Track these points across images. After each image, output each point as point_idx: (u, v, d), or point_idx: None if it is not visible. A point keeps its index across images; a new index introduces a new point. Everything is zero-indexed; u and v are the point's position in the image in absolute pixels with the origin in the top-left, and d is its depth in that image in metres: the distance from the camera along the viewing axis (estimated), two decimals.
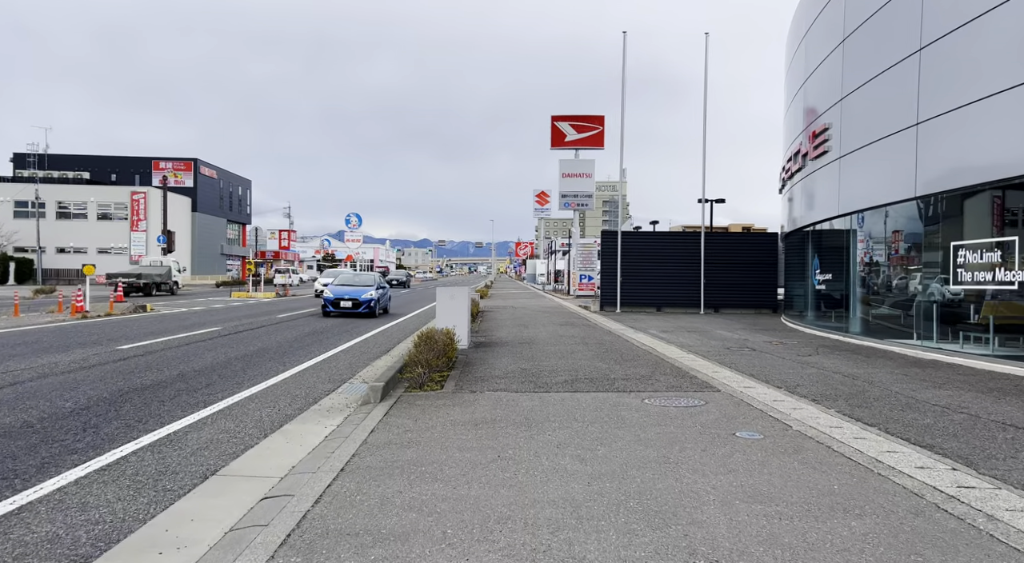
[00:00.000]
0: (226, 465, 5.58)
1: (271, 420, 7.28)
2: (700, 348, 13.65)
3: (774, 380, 9.64)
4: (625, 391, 8.67)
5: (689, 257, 26.19)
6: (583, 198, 46.71)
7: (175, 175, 65.74)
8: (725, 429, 6.56)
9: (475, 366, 10.94)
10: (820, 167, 16.33)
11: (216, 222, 72.28)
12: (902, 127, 12.17)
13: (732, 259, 26.09)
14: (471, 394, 8.48)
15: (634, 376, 9.87)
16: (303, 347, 13.82)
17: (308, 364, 11.50)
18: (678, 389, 8.85)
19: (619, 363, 11.28)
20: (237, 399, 8.36)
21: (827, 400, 8.17)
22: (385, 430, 6.51)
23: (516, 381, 9.41)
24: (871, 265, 14.98)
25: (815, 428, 6.62)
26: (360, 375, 10.35)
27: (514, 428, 6.57)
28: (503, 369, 10.54)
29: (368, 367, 11.23)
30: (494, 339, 15.06)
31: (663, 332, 17.38)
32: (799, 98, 18.92)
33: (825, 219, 16.25)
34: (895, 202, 12.95)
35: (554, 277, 62.68)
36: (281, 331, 17.20)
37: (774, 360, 11.86)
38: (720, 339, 15.59)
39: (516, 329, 17.66)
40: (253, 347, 13.63)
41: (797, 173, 18.85)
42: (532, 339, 15.10)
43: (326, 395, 8.74)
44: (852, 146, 14.24)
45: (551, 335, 16.04)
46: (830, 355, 12.57)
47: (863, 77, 13.74)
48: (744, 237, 26.70)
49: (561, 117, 46.69)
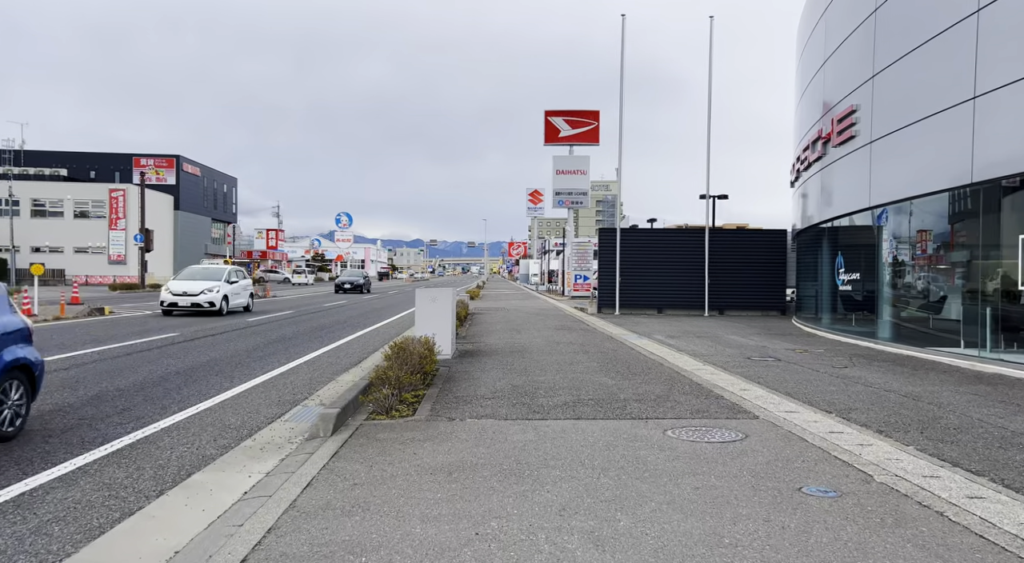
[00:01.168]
0: (73, 554, 3.84)
1: (180, 465, 5.54)
2: (717, 358, 11.99)
3: (818, 401, 7.96)
4: (640, 417, 6.98)
5: (692, 256, 24.55)
6: (577, 195, 45.09)
7: (157, 172, 63.68)
8: (785, 481, 4.87)
9: (458, 382, 9.24)
10: (844, 155, 14.70)
11: (200, 221, 70.25)
12: (953, 103, 10.53)
13: (738, 258, 24.47)
14: (448, 422, 6.77)
15: (648, 395, 8.17)
16: (262, 357, 12.07)
17: (260, 380, 9.75)
18: (705, 414, 7.16)
19: (627, 377, 9.59)
20: (150, 431, 6.62)
21: (896, 431, 6.50)
22: (326, 483, 4.80)
23: (506, 402, 7.72)
24: (905, 263, 13.35)
25: (905, 479, 4.94)
26: (319, 394, 8.62)
27: (501, 479, 4.87)
28: (491, 386, 8.84)
29: (331, 383, 9.49)
30: (483, 347, 13.37)
31: (670, 338, 15.71)
32: (817, 82, 17.30)
33: (851, 212, 14.62)
34: (941, 191, 11.32)
35: (548, 277, 61.04)
36: (245, 337, 15.43)
37: (807, 373, 10.19)
38: (736, 346, 13.93)
39: (508, 335, 15.97)
40: (204, 357, 11.87)
41: (815, 163, 17.23)
42: (525, 347, 13.41)
43: (267, 424, 7.01)
44: (886, 129, 12.61)
45: (546, 341, 14.36)
46: (869, 366, 10.91)
47: (900, 50, 12.11)
48: (751, 234, 25.12)
49: (555, 112, 45.06)
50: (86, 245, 57.47)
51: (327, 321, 20.76)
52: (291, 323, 19.75)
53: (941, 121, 10.81)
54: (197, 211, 69.55)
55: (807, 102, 18.84)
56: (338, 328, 18.41)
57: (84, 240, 57.40)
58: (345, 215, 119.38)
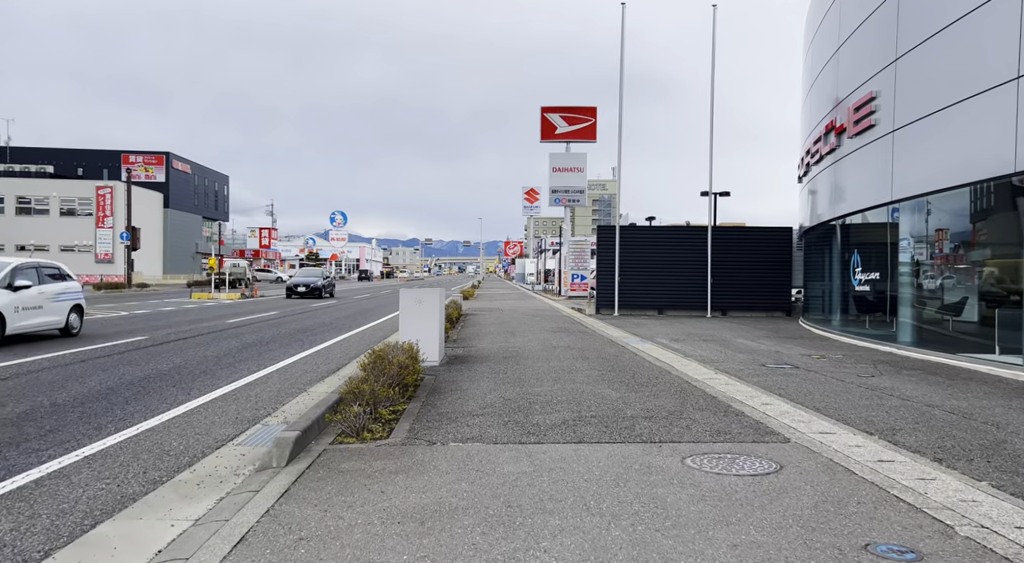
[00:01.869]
0: None
1: (88, 510, 4.49)
2: (729, 364, 10.99)
3: (853, 419, 6.96)
4: (653, 440, 5.97)
5: (694, 255, 23.56)
6: (575, 193, 44.09)
7: (146, 169, 62.44)
8: (844, 534, 3.86)
9: (444, 393, 8.22)
10: (860, 146, 13.71)
11: (191, 219, 69.04)
12: (995, 84, 9.54)
13: (742, 257, 23.49)
14: (428, 447, 5.76)
15: (659, 411, 7.17)
16: (231, 364, 11.03)
17: (222, 392, 8.71)
18: (727, 436, 6.16)
19: (632, 388, 8.58)
20: (70, 460, 5.57)
21: (958, 460, 5.50)
22: (264, 539, 3.77)
23: (497, 420, 6.71)
24: (929, 262, 12.37)
25: (996, 531, 3.93)
26: (284, 410, 7.58)
27: (486, 530, 3.86)
28: (480, 399, 7.83)
29: (302, 395, 8.46)
30: (474, 351, 12.35)
31: (674, 341, 14.71)
32: (829, 71, 16.32)
33: (868, 208, 13.64)
34: (977, 181, 10.33)
35: (544, 277, 60.07)
36: (219, 341, 14.38)
37: (832, 384, 9.19)
38: (746, 351, 12.93)
39: (502, 337, 14.95)
40: (167, 364, 10.83)
41: (826, 156, 16.24)
42: (520, 351, 12.40)
43: (215, 450, 5.97)
44: (911, 116, 11.61)
45: (543, 345, 13.35)
46: (898, 375, 9.92)
47: (928, 28, 11.12)
48: (755, 232, 24.13)
49: (551, 108, 44.06)
50: (72, 243, 56.25)
51: (312, 323, 19.71)
52: (273, 325, 18.70)
53: (978, 104, 9.82)
54: (188, 209, 68.35)
55: (817, 94, 17.86)
56: (322, 331, 17.37)
57: (70, 238, 56.19)
58: (340, 214, 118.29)
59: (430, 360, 10.53)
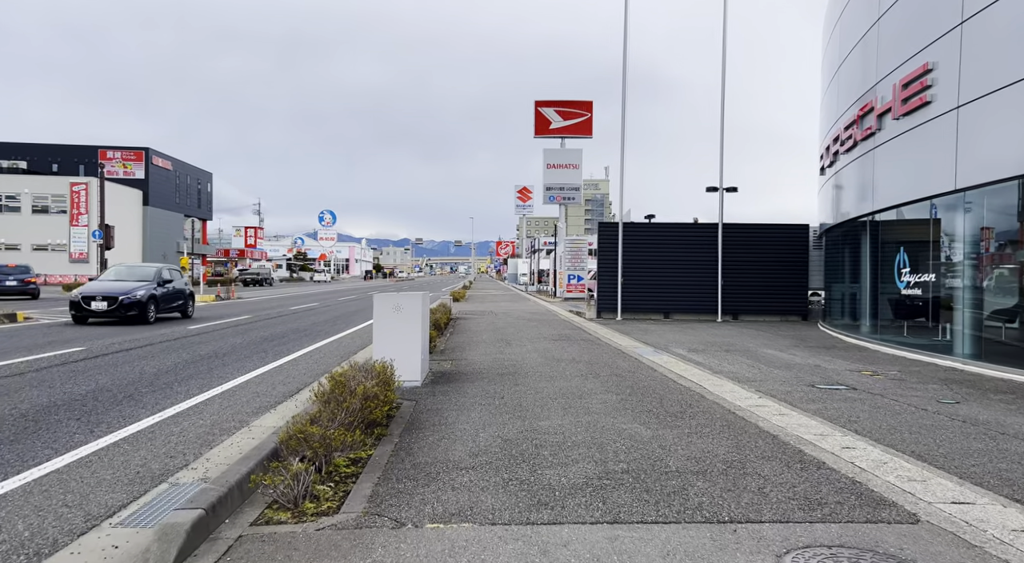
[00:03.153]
0: None
1: None
2: (770, 385, 9.14)
3: (981, 475, 5.12)
4: (719, 518, 4.12)
5: (703, 254, 21.77)
6: (569, 191, 42.33)
7: (124, 166, 60.19)
8: None
9: (424, 430, 6.36)
10: (910, 128, 11.91)
11: (172, 217, 66.71)
12: None
13: (754, 257, 21.73)
14: (394, 532, 3.90)
15: (711, 462, 5.31)
16: (167, 386, 9.09)
17: (136, 428, 6.77)
18: (823, 509, 4.30)
19: (665, 421, 6.73)
20: None
21: None
22: None
23: (494, 477, 4.85)
24: (1004, 260, 10.56)
25: None
26: (210, 457, 5.65)
27: None
28: (471, 440, 5.95)
29: (241, 432, 6.52)
30: (464, 366, 10.46)
31: (692, 351, 12.88)
32: (863, 48, 14.53)
33: (922, 199, 11.81)
34: None
35: (537, 277, 58.22)
36: (168, 353, 12.42)
37: (912, 414, 7.35)
38: (781, 365, 11.11)
39: (496, 347, 13.07)
40: (87, 386, 8.87)
41: (861, 143, 14.44)
42: (518, 365, 10.52)
43: (75, 537, 4.05)
44: (983, 88, 9.81)
45: (544, 357, 11.48)
46: (988, 402, 8.10)
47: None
48: (769, 230, 22.36)
49: (545, 102, 42.29)
50: (46, 242, 53.87)
51: (283, 329, 17.76)
52: (240, 332, 16.74)
53: None
54: (168, 207, 66.04)
55: (846, 77, 16.09)
56: (294, 338, 15.43)
57: (43, 237, 53.80)
58: (328, 213, 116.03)
59: (410, 380, 8.65)
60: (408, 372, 8.68)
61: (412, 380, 8.73)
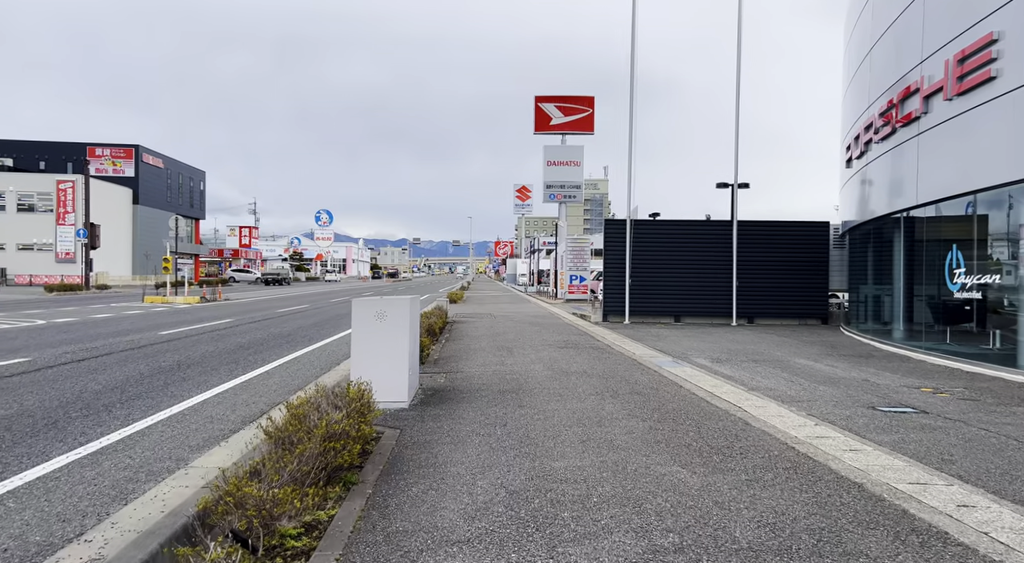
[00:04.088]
0: None
1: None
2: (821, 407, 7.72)
3: None
4: None
5: (717, 253, 20.38)
6: (570, 188, 40.99)
7: (114, 163, 58.70)
8: None
9: (406, 477, 4.94)
10: (969, 108, 10.51)
11: (163, 216, 65.12)
12: None
13: (771, 256, 20.34)
14: None
15: (791, 533, 3.90)
16: (107, 408, 7.64)
17: (42, 471, 5.34)
18: None
19: (713, 464, 5.32)
20: None
21: None
22: None
23: (499, 560, 3.43)
24: None
25: None
26: (118, 520, 4.20)
27: None
28: (465, 495, 4.53)
29: (175, 476, 5.08)
30: (460, 380, 9.04)
31: (716, 362, 11.48)
32: (903, 25, 13.14)
33: (986, 188, 10.37)
34: None
35: (537, 278, 56.79)
36: (126, 364, 10.99)
37: (1021, 451, 5.94)
38: (824, 380, 9.69)
39: (496, 356, 11.65)
40: (10, 409, 7.44)
41: (901, 129, 13.04)
42: (521, 380, 9.10)
43: None
44: None
45: (550, 369, 10.07)
46: None
47: None
48: (788, 228, 20.98)
49: (546, 98, 40.96)
50: (31, 242, 52.31)
51: (263, 335, 16.33)
52: (216, 337, 15.31)
53: None
54: (159, 206, 64.51)
55: (879, 60, 14.70)
56: (273, 345, 14.00)
57: (29, 236, 52.25)
58: (325, 212, 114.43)
59: (394, 401, 7.25)
60: (392, 392, 7.29)
61: (397, 401, 7.33)
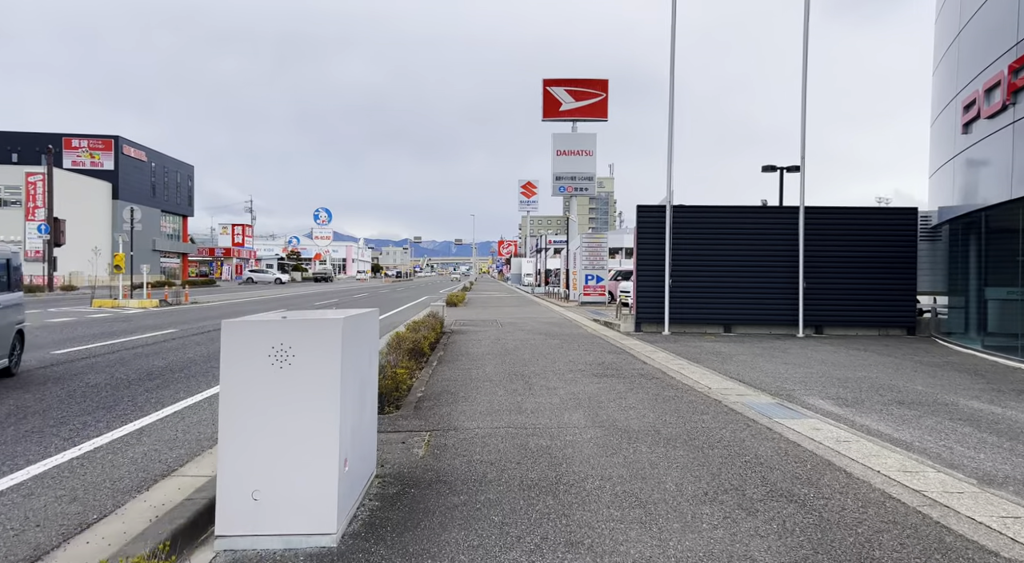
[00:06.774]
0: None
1: None
2: None
3: None
4: None
5: (777, 247, 16.49)
6: (582, 180, 36.97)
7: (91, 155, 54.90)
8: None
9: None
10: None
11: (147, 212, 61.25)
12: None
13: (844, 251, 16.45)
14: None
15: None
16: None
17: None
18: None
19: None
20: None
21: None
22: None
23: None
24: None
25: None
26: None
27: None
28: None
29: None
30: (449, 456, 5.10)
31: (844, 405, 7.56)
32: None
33: None
34: None
35: (544, 278, 52.79)
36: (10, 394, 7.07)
37: None
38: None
39: (508, 394, 7.71)
40: None
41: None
42: (556, 454, 5.17)
43: None
44: None
45: (599, 427, 6.13)
46: None
47: None
48: (866, 215, 17.07)
49: (555, 81, 36.95)
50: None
51: (194, 354, 12.43)
52: (120, 361, 11.40)
53: None
54: (142, 201, 60.56)
55: (995, 10, 10.78)
56: (197, 372, 10.09)
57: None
58: (324, 211, 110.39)
59: (309, 535, 3.31)
60: (303, 513, 3.38)
61: (319, 533, 3.41)
